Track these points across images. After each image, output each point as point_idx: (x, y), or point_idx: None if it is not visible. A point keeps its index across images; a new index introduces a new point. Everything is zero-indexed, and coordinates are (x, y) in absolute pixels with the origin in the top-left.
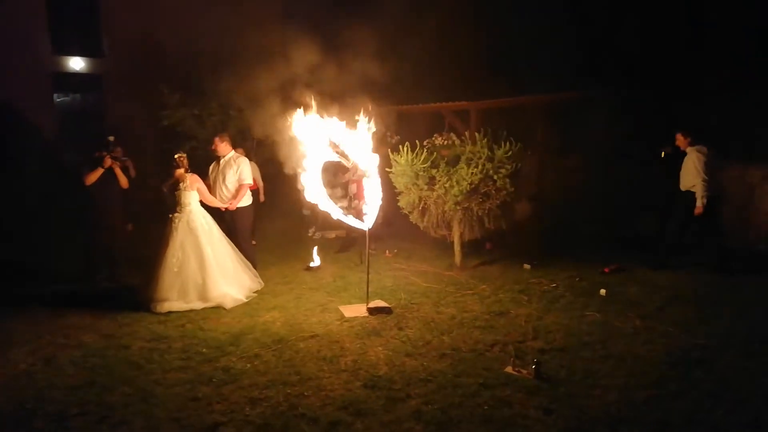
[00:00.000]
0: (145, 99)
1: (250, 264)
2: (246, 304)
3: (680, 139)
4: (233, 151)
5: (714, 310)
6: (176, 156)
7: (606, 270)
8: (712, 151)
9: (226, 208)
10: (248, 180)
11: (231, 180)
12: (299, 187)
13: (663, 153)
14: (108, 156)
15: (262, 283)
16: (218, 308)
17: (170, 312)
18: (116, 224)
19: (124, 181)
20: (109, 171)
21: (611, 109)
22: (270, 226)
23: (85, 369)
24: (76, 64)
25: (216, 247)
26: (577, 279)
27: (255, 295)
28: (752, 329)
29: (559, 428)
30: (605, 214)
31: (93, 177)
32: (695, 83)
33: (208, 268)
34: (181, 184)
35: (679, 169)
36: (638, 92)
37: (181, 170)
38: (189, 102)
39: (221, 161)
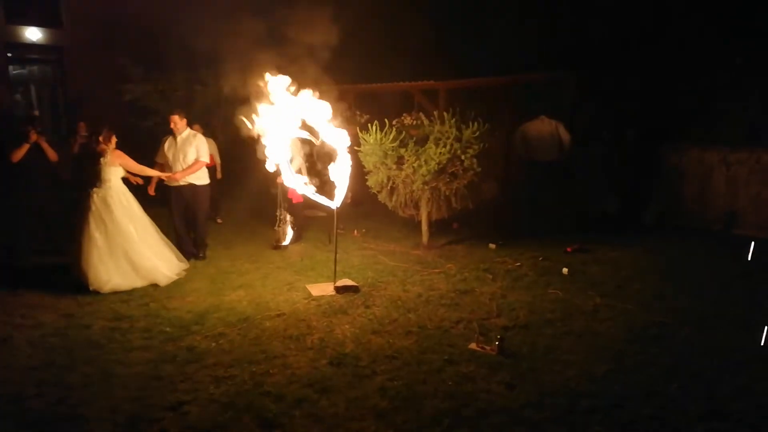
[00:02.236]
0: (108, 72)
1: (173, 246)
2: (211, 282)
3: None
4: (189, 129)
5: (671, 288)
6: (102, 129)
7: (568, 249)
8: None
9: (168, 177)
10: (204, 157)
11: (192, 158)
12: (264, 162)
13: (628, 134)
14: (33, 130)
15: (188, 264)
16: (182, 287)
17: (116, 291)
18: (48, 208)
19: (52, 154)
20: (36, 147)
21: (578, 91)
22: (237, 205)
23: (43, 349)
24: (33, 34)
25: (137, 223)
26: (540, 258)
27: (184, 273)
28: (707, 306)
29: (521, 402)
30: (570, 194)
31: (19, 153)
32: (657, 69)
33: (133, 244)
34: (101, 159)
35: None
36: (604, 75)
37: (103, 145)
38: (153, 76)
39: (178, 139)
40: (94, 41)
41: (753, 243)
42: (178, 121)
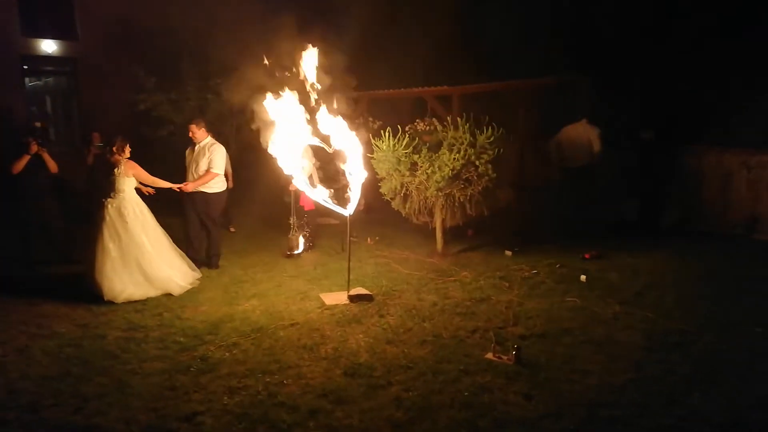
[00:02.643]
0: (121, 83)
1: (185, 256)
2: (224, 292)
3: None
4: (209, 137)
5: (692, 294)
6: (116, 140)
7: (586, 256)
8: None
9: (179, 188)
10: (217, 169)
11: (204, 167)
12: (279, 172)
13: (644, 138)
14: (34, 142)
15: (200, 273)
16: (196, 297)
17: (130, 301)
18: (50, 219)
19: (53, 165)
20: (37, 158)
21: (593, 95)
22: (250, 213)
23: (59, 359)
24: (49, 46)
25: (150, 234)
26: (557, 265)
27: (198, 282)
28: (728, 313)
29: (538, 413)
30: (587, 200)
31: (20, 165)
32: (675, 70)
33: (146, 254)
34: (115, 170)
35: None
36: (618, 78)
37: (117, 156)
38: (165, 86)
39: (196, 147)
40: (108, 53)
41: None
42: (195, 131)
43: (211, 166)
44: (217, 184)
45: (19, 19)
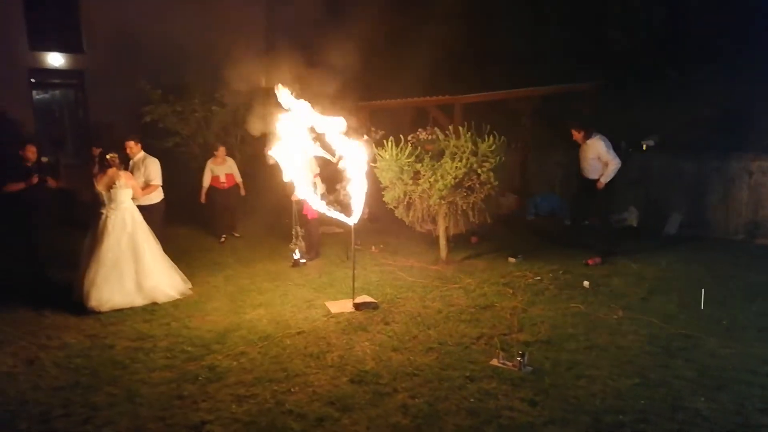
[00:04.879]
0: (128, 95)
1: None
2: (231, 301)
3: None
4: (142, 152)
5: (695, 300)
6: (108, 156)
7: (589, 262)
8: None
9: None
10: (156, 180)
11: (140, 182)
12: (285, 181)
13: (645, 146)
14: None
15: (191, 285)
16: (203, 306)
17: (114, 309)
18: (42, 223)
19: (51, 181)
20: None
21: (595, 103)
22: (257, 222)
23: (68, 369)
24: (55, 59)
25: (151, 243)
26: (561, 272)
27: (190, 292)
28: (732, 318)
29: (544, 419)
30: (590, 206)
31: (14, 188)
32: (680, 79)
33: (142, 263)
34: (117, 182)
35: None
36: (623, 87)
37: (114, 169)
38: (171, 98)
39: (130, 163)
40: (114, 65)
41: None
42: (133, 146)
43: (150, 179)
44: (151, 197)
45: (26, 33)
